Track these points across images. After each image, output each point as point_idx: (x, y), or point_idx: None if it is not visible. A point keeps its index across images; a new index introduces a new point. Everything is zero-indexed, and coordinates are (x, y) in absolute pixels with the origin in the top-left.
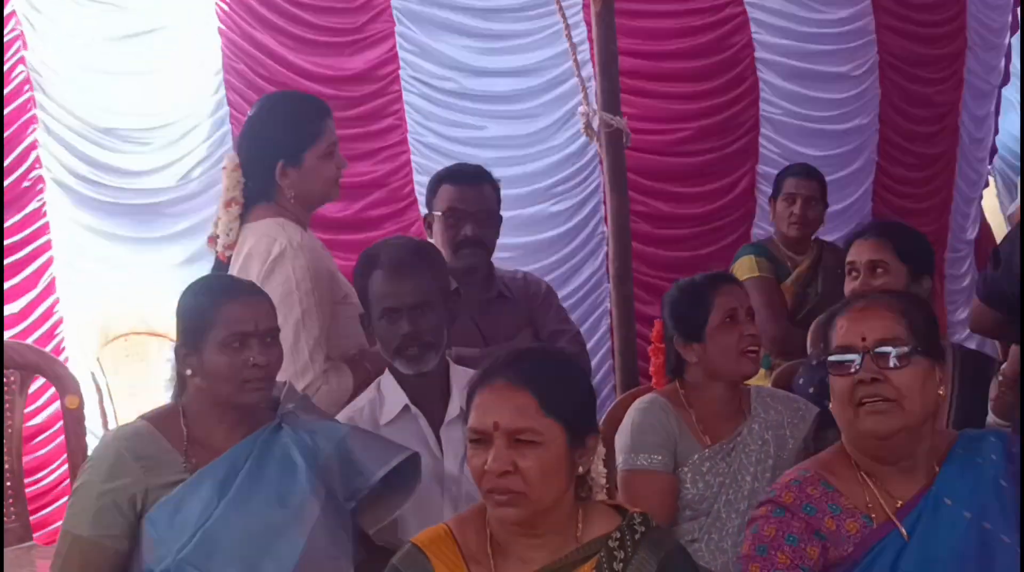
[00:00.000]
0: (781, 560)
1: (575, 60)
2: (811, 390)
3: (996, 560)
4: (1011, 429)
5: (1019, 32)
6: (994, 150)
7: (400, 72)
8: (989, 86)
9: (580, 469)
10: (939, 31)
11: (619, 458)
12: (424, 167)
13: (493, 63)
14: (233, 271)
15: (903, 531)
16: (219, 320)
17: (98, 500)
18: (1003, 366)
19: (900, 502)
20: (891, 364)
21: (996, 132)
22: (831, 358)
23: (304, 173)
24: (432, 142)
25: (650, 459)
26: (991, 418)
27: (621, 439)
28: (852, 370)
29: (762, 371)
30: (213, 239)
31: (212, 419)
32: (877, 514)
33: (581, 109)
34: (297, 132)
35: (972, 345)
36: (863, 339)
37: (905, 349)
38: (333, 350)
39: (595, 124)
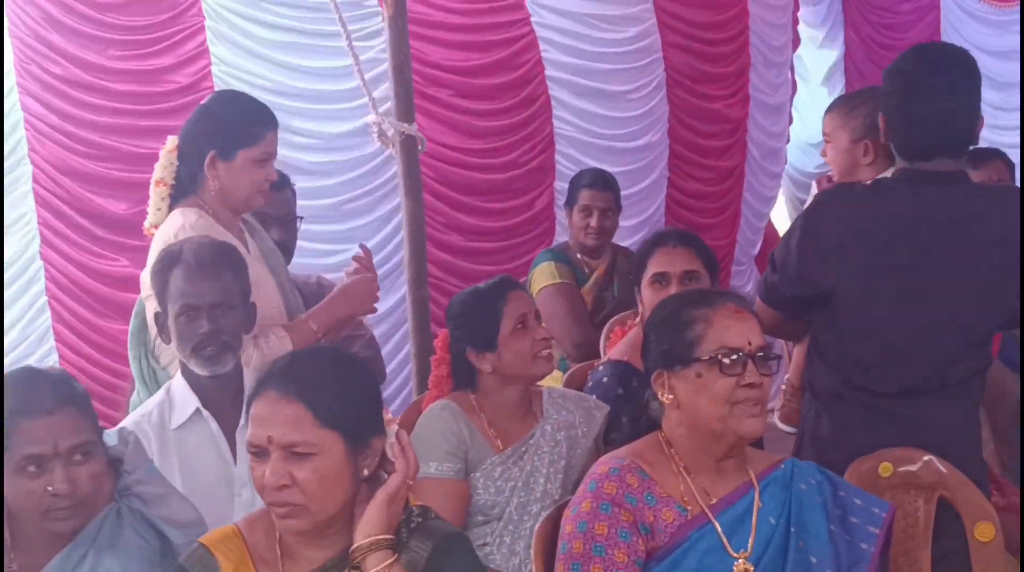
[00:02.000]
0: (620, 558)
1: (358, 69)
2: (620, 391)
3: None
4: (798, 433)
5: (1019, 36)
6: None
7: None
8: (778, 102)
9: (366, 472)
10: (723, 49)
11: None
12: None
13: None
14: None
15: (717, 526)
16: (14, 439)
17: None
18: (786, 375)
19: (714, 498)
20: (768, 370)
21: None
22: (719, 356)
23: (232, 170)
24: None
25: (440, 467)
26: (779, 427)
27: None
28: (739, 371)
29: (557, 373)
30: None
31: (32, 522)
32: (692, 506)
33: (371, 118)
34: (238, 128)
35: None
36: (749, 343)
37: (773, 356)
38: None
39: (389, 131)
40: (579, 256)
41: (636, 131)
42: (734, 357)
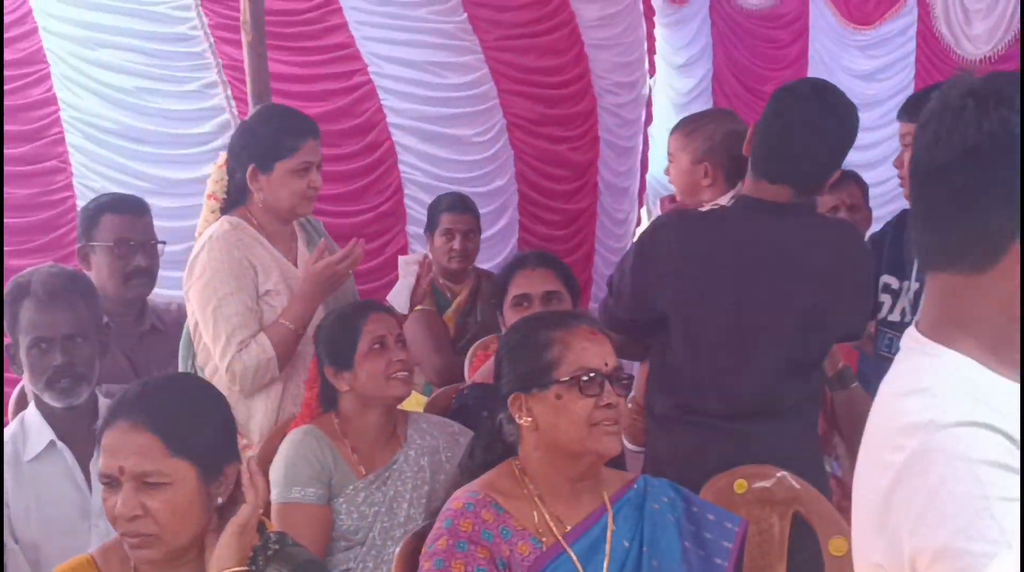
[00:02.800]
0: None
1: (228, 107)
2: (485, 414)
3: None
4: (644, 453)
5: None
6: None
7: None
8: (629, 141)
9: (220, 500)
10: (564, 92)
11: (273, 491)
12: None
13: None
14: None
15: (573, 555)
16: None
17: None
18: (632, 393)
19: (568, 527)
20: (623, 390)
21: (645, 169)
22: (578, 377)
23: (272, 182)
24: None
25: (303, 492)
26: (627, 446)
27: (275, 472)
28: (597, 392)
29: (421, 397)
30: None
31: None
32: (547, 538)
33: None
34: (274, 141)
35: None
36: (606, 364)
37: (626, 376)
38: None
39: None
40: (441, 281)
41: (484, 175)
42: (592, 378)
